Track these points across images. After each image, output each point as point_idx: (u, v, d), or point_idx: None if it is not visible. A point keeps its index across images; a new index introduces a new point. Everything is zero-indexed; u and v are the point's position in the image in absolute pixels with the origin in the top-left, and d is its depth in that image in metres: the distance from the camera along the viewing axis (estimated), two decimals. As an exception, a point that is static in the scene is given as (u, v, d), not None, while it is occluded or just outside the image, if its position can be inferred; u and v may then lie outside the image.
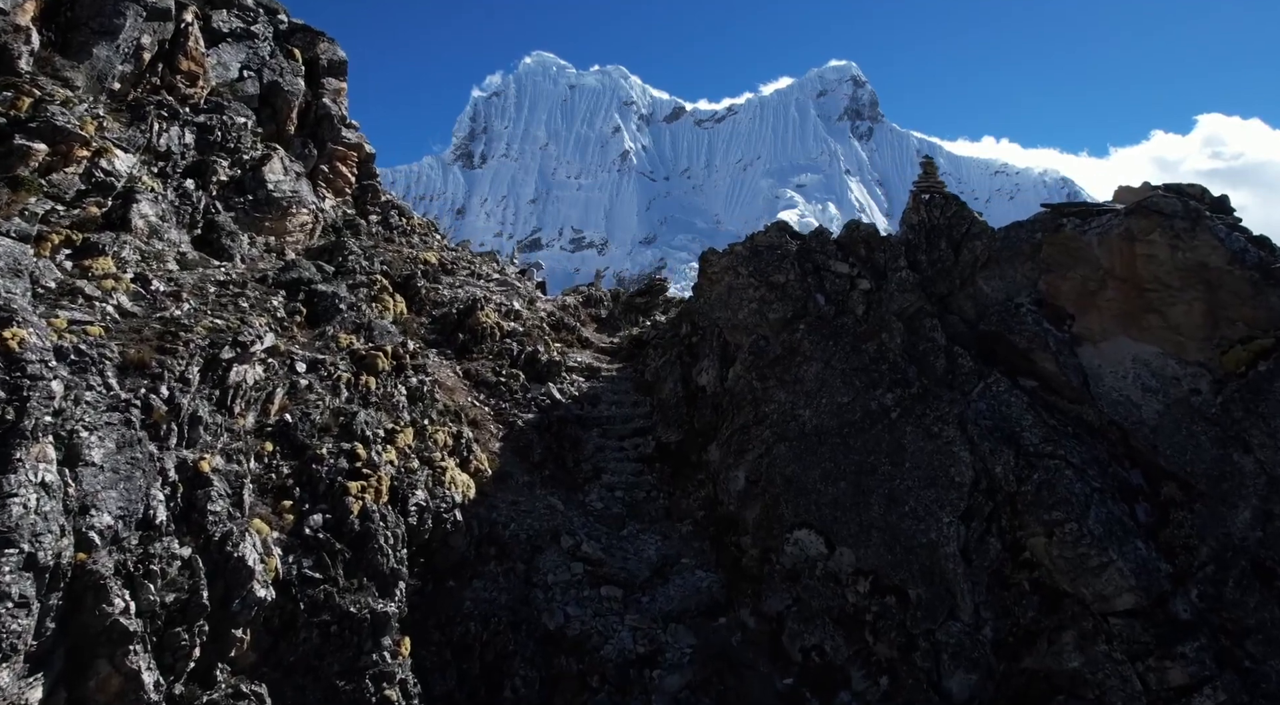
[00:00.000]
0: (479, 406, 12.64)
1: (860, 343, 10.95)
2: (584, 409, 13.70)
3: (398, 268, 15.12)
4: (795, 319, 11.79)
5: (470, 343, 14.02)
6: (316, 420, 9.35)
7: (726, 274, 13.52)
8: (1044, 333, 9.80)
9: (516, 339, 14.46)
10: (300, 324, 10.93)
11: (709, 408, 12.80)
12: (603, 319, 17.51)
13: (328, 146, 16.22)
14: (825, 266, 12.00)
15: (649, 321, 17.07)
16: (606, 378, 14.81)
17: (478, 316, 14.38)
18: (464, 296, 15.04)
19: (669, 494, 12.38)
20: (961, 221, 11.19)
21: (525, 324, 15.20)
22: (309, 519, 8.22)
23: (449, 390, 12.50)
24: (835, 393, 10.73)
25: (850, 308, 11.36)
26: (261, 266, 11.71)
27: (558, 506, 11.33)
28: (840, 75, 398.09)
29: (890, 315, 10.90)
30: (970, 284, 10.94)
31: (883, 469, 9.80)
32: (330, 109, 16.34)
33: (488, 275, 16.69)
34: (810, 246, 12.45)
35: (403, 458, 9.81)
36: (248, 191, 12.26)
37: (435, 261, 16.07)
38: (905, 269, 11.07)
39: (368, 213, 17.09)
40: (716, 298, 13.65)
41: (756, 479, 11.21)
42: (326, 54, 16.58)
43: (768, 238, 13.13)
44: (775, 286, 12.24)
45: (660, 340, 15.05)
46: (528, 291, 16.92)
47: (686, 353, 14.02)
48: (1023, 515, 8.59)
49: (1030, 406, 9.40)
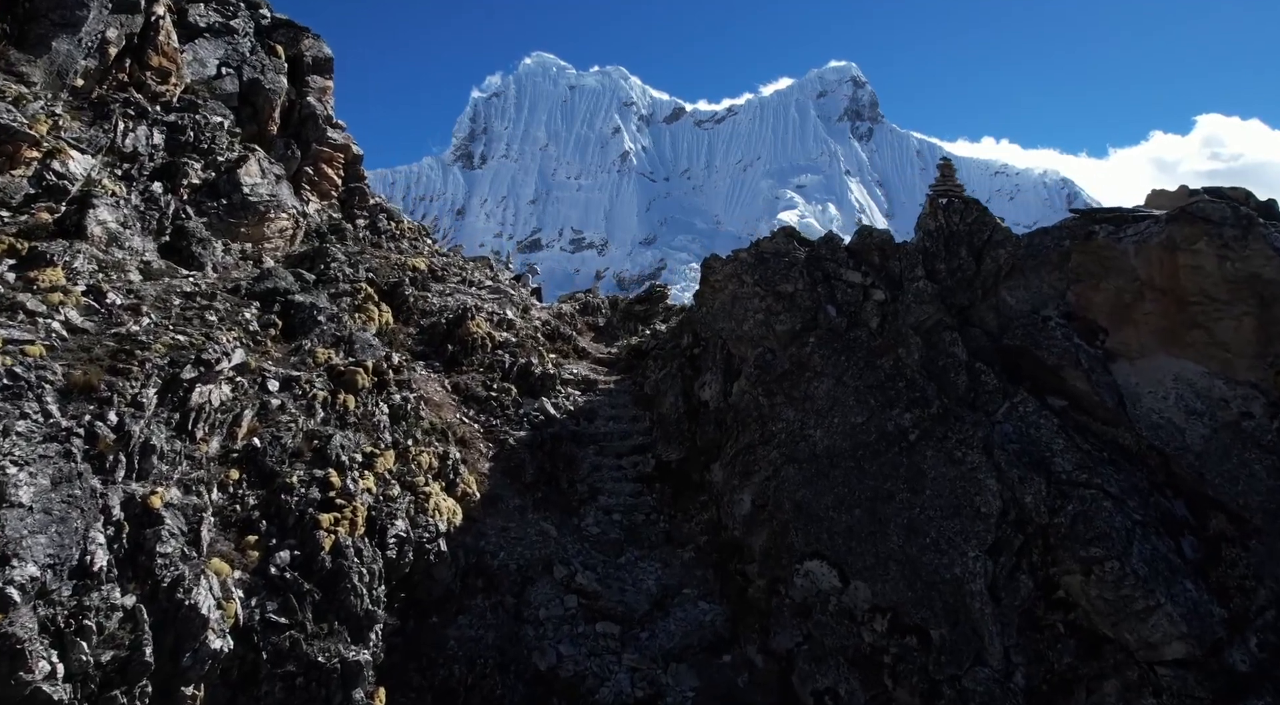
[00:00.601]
0: (468, 423, 11.91)
1: (875, 358, 10.22)
2: (580, 425, 12.97)
3: (384, 275, 14.38)
4: (804, 331, 11.06)
5: (460, 354, 13.29)
6: (288, 444, 8.62)
7: (730, 282, 12.80)
8: (1074, 348, 9.08)
9: (509, 350, 13.74)
10: (275, 338, 10.21)
11: (712, 424, 12.07)
12: (600, 328, 16.79)
13: (312, 147, 15.50)
14: (836, 275, 11.28)
15: (648, 330, 16.34)
16: (604, 391, 14.08)
17: (468, 326, 13.65)
18: (454, 305, 14.31)
19: (670, 517, 11.65)
20: (983, 228, 10.47)
21: (519, 334, 14.47)
22: (275, 556, 7.49)
23: (436, 406, 11.78)
24: (848, 412, 10.00)
25: (863, 320, 10.64)
26: (236, 276, 10.98)
27: (551, 532, 10.60)
28: (840, 76, 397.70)
29: (907, 328, 10.17)
30: (993, 295, 10.22)
31: (901, 496, 9.07)
32: (315, 108, 15.62)
33: (480, 282, 15.96)
34: (819, 254, 11.72)
35: (382, 484, 9.07)
36: (222, 195, 11.53)
37: (425, 268, 15.33)
38: (923, 279, 10.35)
39: (355, 216, 16.36)
40: (719, 307, 12.93)
41: (763, 503, 10.48)
42: (311, 51, 15.85)
43: (774, 244, 12.40)
44: (782, 296, 11.51)
45: (660, 351, 14.32)
46: (522, 299, 16.20)
47: (688, 365, 13.29)
48: (1056, 550, 7.86)
49: (1061, 429, 8.67)
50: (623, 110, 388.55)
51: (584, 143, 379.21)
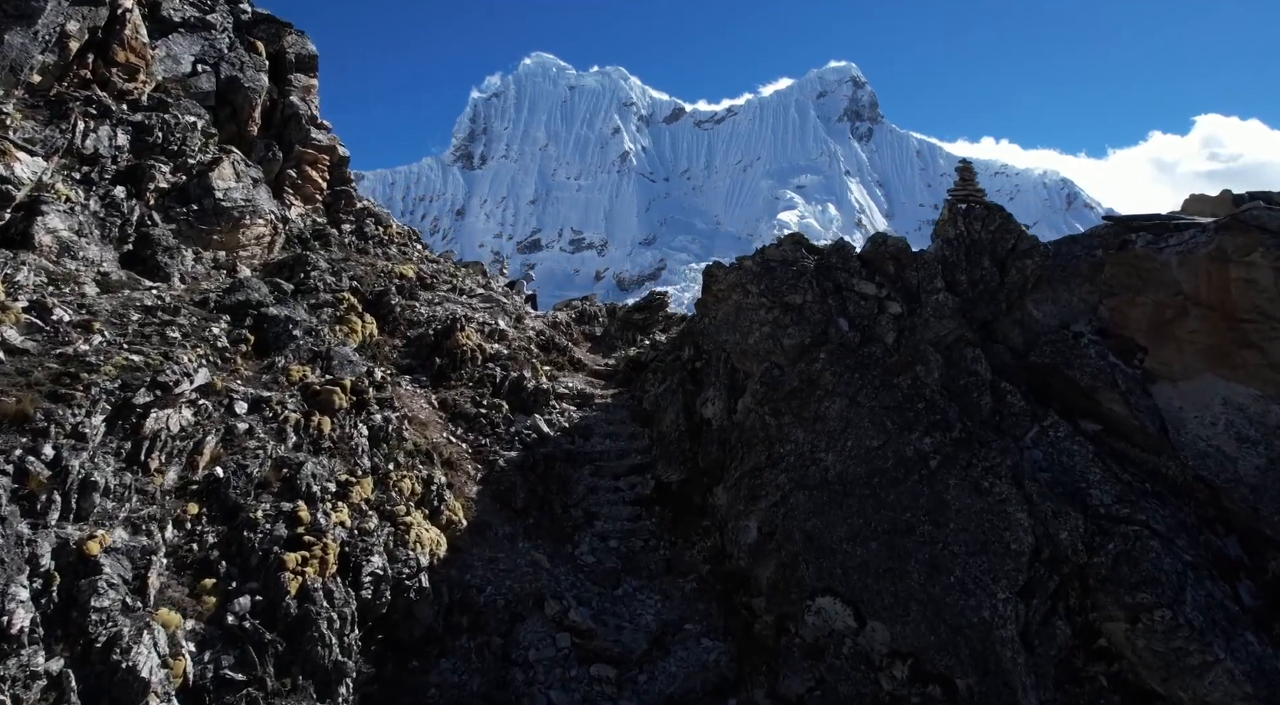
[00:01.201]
0: (455, 443, 11.18)
1: (891, 376, 9.49)
2: (575, 443, 12.24)
3: (370, 283, 13.67)
4: (814, 346, 10.33)
5: (448, 368, 12.57)
6: (254, 473, 7.89)
7: (734, 292, 12.07)
8: (1110, 368, 8.36)
9: (500, 363, 13.01)
10: (246, 354, 9.48)
11: (715, 444, 11.34)
12: (597, 338, 16.05)
13: (295, 149, 14.78)
14: (848, 286, 10.55)
15: (648, 340, 15.61)
16: (600, 405, 13.36)
17: (457, 338, 12.93)
18: (443, 315, 13.59)
19: (670, 543, 10.91)
20: (1007, 235, 9.75)
21: (511, 345, 13.74)
22: (234, 602, 6.75)
23: (421, 425, 11.05)
24: (863, 435, 9.27)
25: (878, 335, 9.91)
26: (205, 287, 10.25)
27: (543, 563, 9.87)
28: (840, 76, 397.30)
29: (925, 344, 9.45)
30: (1018, 308, 9.50)
31: (922, 529, 8.34)
32: (299, 108, 14.90)
33: (470, 290, 15.23)
34: (830, 263, 10.99)
35: (358, 515, 8.34)
36: (192, 200, 10.80)
37: (413, 275, 14.62)
38: (942, 291, 9.62)
39: (340, 221, 15.64)
40: (723, 318, 12.20)
41: (771, 531, 9.75)
42: (294, 48, 15.13)
43: (781, 252, 11.68)
44: (790, 308, 10.78)
45: (660, 364, 13.60)
46: (515, 307, 15.47)
47: (689, 379, 12.57)
48: (1097, 593, 7.14)
49: (1097, 457, 7.95)
50: (622, 110, 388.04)
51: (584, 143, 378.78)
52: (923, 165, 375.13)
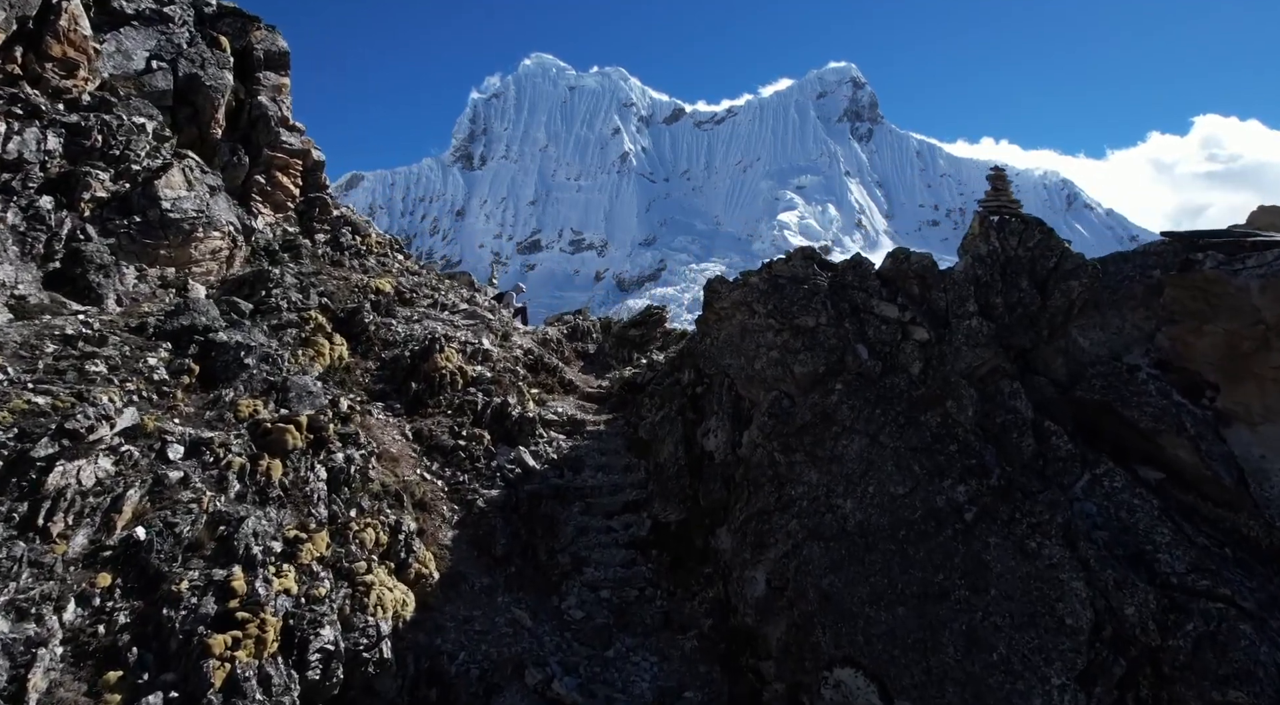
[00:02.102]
0: (429, 481, 10.08)
1: (917, 412, 8.38)
2: (564, 477, 11.14)
3: (342, 299, 12.56)
4: (829, 375, 9.22)
5: (425, 394, 11.46)
6: (185, 533, 6.78)
7: (738, 310, 10.96)
8: (1175, 408, 7.25)
9: (483, 387, 11.90)
10: (189, 387, 8.38)
11: (718, 481, 10.24)
12: (590, 356, 14.95)
13: (264, 153, 13.67)
14: (867, 307, 9.44)
15: (644, 359, 14.50)
16: (593, 433, 12.25)
17: (435, 360, 11.82)
18: (421, 334, 12.48)
19: (668, 593, 9.81)
20: (1048, 253, 8.64)
21: (495, 367, 12.63)
22: (143, 701, 5.65)
23: (392, 460, 9.95)
24: (886, 479, 8.16)
25: (902, 364, 8.80)
26: (146, 310, 9.14)
27: (524, 621, 8.76)
28: (840, 77, 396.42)
29: (957, 376, 8.34)
30: (1061, 336, 8.39)
31: (958, 594, 7.23)
32: (268, 109, 13.79)
33: (453, 305, 14.12)
34: (846, 281, 9.88)
35: (307, 579, 7.23)
36: (135, 211, 9.69)
37: (390, 290, 13.50)
38: (975, 316, 8.51)
39: (314, 231, 14.54)
40: (726, 339, 11.09)
41: (782, 585, 8.63)
42: (263, 44, 14.02)
43: (790, 267, 10.57)
44: (802, 331, 9.67)
45: (657, 387, 12.49)
46: (501, 324, 14.35)
47: (689, 406, 11.46)
48: (1175, 685, 6.03)
49: (1164, 513, 6.84)
50: (622, 111, 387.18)
51: (584, 144, 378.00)
52: (923, 166, 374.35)
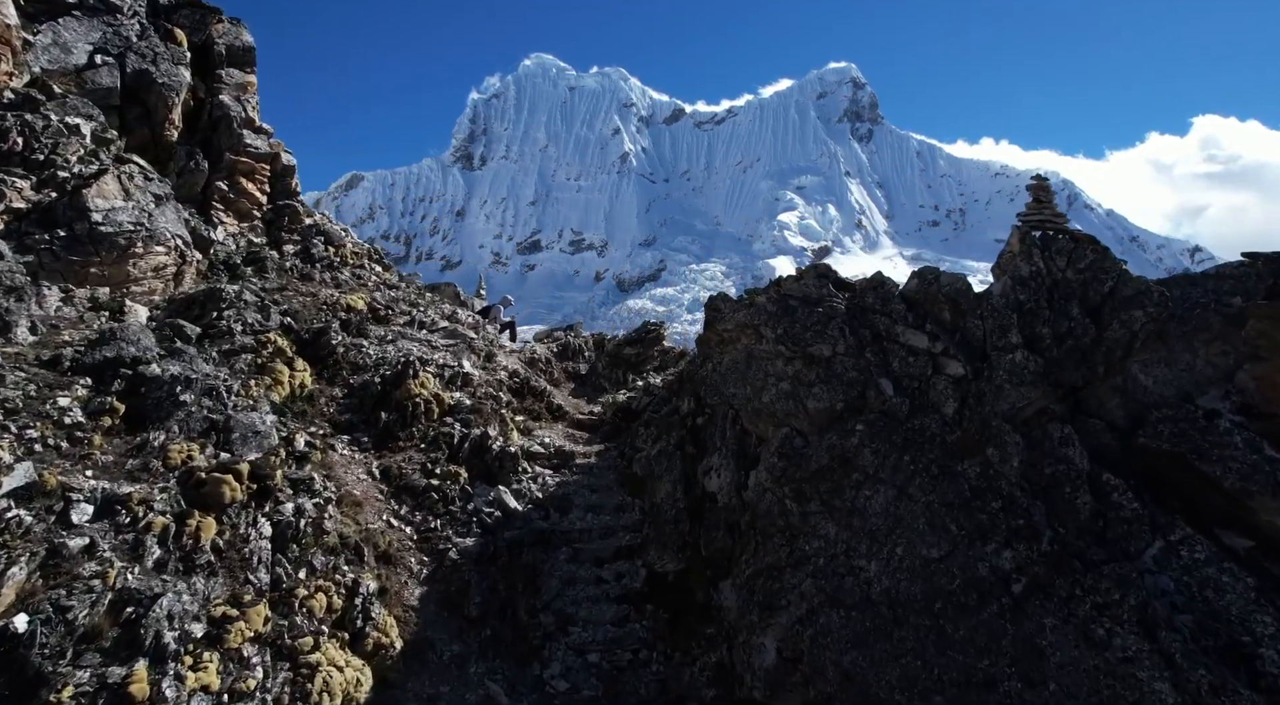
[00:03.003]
0: (396, 528, 8.95)
1: (953, 460, 7.26)
2: (549, 518, 10.01)
3: (307, 318, 11.43)
4: (848, 413, 8.10)
5: (396, 425, 10.34)
6: (80, 618, 5.65)
7: (744, 334, 9.85)
8: (1269, 465, 6.13)
9: (461, 417, 10.77)
10: (110, 431, 7.25)
11: (721, 527, 9.12)
12: (582, 377, 13.81)
13: (225, 157, 12.55)
14: (891, 335, 8.32)
15: (640, 381, 13.37)
16: (583, 467, 11.12)
17: (408, 386, 10.69)
18: (394, 357, 11.35)
19: (665, 656, 8.69)
20: (1102, 275, 7.52)
21: (476, 392, 11.50)
22: None
23: (355, 505, 8.82)
24: (918, 539, 7.04)
25: (933, 402, 7.67)
26: (65, 339, 8.01)
27: (499, 698, 7.63)
28: (840, 77, 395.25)
29: (998, 419, 7.22)
30: (1119, 372, 7.27)
31: (1008, 685, 6.11)
32: (230, 109, 12.66)
33: (432, 323, 12.99)
34: (865, 303, 8.76)
35: (235, 668, 6.10)
36: (60, 224, 8.57)
37: (363, 307, 12.37)
38: (1020, 348, 7.39)
39: (281, 241, 13.41)
40: (730, 366, 9.98)
41: (795, 656, 7.51)
42: (226, 38, 12.90)
43: (802, 286, 9.45)
44: (816, 361, 8.55)
45: (654, 416, 11.37)
46: (485, 343, 13.22)
47: (689, 439, 10.34)
48: (1285, 820, 4.91)
49: (1262, 595, 5.72)
50: (622, 111, 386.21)
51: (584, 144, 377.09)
52: (923, 166, 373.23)
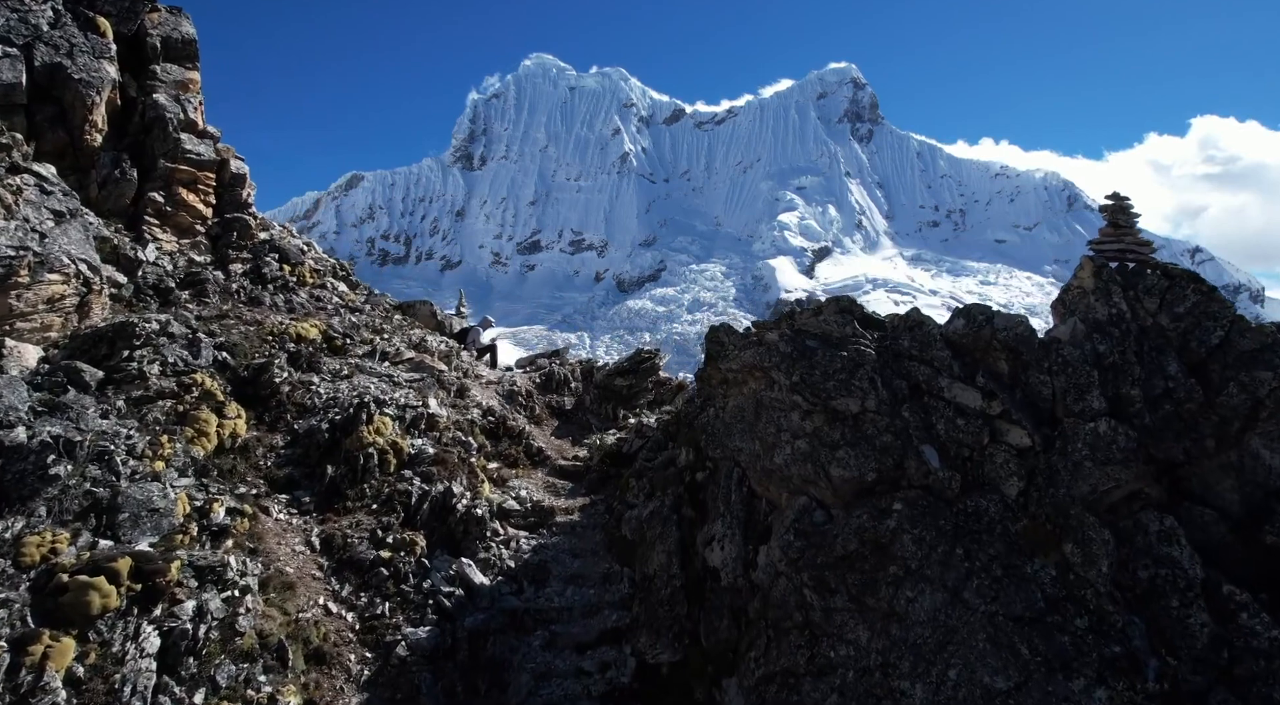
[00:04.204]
0: (335, 616, 7.43)
1: (1020, 558, 5.75)
2: (522, 593, 8.50)
3: (248, 352, 9.91)
4: (883, 486, 6.59)
5: (344, 481, 8.82)
6: None
7: (751, 377, 8.34)
8: None
9: (422, 469, 9.25)
10: (-45, 517, 5.73)
11: (725, 613, 7.61)
12: (567, 412, 12.26)
13: (161, 165, 11.03)
14: (934, 389, 6.79)
15: (632, 418, 11.85)
16: (564, 526, 9.60)
17: (361, 434, 9.18)
18: (348, 396, 9.82)
19: (658, 775, 7.18)
20: (1209, 323, 6.00)
21: (443, 437, 9.98)
22: None
23: (284, 589, 7.31)
24: (977, 663, 5.52)
25: (991, 478, 6.15)
26: (-86, 396, 6.49)
27: None
28: (840, 77, 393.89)
29: (1077, 505, 5.70)
30: (1234, 447, 5.76)
31: None
32: (166, 110, 11.15)
33: (397, 353, 11.45)
34: (900, 347, 7.24)
35: None
36: (-79, 253, 7.06)
37: (316, 336, 10.84)
38: (1104, 416, 5.87)
39: (229, 260, 11.89)
40: (735, 414, 8.47)
41: (818, 796, 6.00)
42: (162, 29, 11.38)
43: (821, 323, 7.93)
44: (841, 418, 7.04)
45: (647, 466, 9.85)
46: (457, 375, 11.69)
47: (688, 498, 8.83)
48: None
49: None
50: (622, 111, 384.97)
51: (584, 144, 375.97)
52: (923, 166, 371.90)
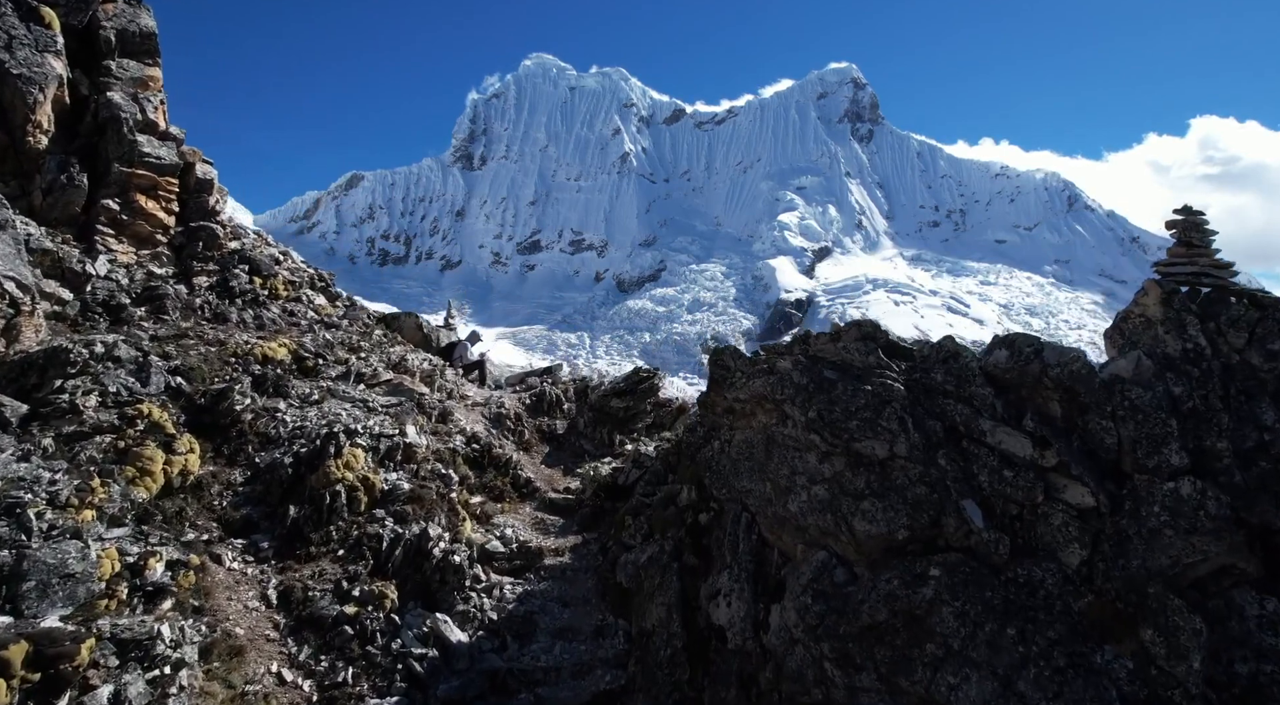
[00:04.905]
0: (290, 685, 6.54)
1: (1087, 644, 4.85)
2: (505, 651, 7.59)
3: (207, 376, 9.02)
4: (917, 546, 5.69)
5: (308, 523, 7.92)
6: None
7: (761, 409, 7.44)
8: None
9: (396, 508, 8.35)
10: None
11: (733, 681, 6.70)
12: (559, 437, 11.32)
13: (115, 170, 10.13)
14: (975, 432, 5.89)
15: (629, 442, 10.94)
16: (553, 569, 8.70)
17: (328, 469, 8.28)
18: (316, 425, 8.92)
19: None
20: (1305, 364, 5.09)
21: (420, 470, 9.08)
22: None
23: (232, 655, 6.42)
24: (1038, 772, 4.61)
25: (1047, 543, 5.26)
26: None
27: None
28: (840, 77, 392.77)
29: (1155, 582, 4.80)
30: (1338, 512, 4.84)
31: None
32: (122, 109, 10.26)
33: (374, 373, 10.53)
34: (932, 382, 6.33)
35: None
36: None
37: (285, 356, 9.94)
38: (1185, 476, 4.97)
39: (193, 272, 10.99)
40: (742, 449, 7.57)
41: None
42: (117, 21, 10.48)
43: (840, 351, 7.02)
44: (866, 463, 6.14)
45: (645, 502, 8.95)
46: (440, 396, 10.77)
47: (689, 543, 7.93)
48: None
49: None
50: (623, 111, 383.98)
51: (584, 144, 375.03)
52: (923, 167, 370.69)
